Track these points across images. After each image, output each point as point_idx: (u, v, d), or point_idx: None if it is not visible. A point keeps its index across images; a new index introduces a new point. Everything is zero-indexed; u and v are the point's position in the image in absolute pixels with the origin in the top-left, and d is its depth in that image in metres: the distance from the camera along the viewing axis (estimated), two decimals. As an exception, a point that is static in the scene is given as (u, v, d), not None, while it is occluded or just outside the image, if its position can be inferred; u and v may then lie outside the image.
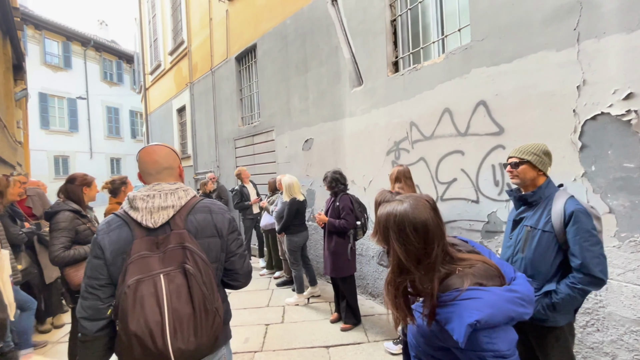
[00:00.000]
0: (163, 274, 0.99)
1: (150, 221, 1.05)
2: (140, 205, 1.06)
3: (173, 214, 1.08)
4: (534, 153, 1.57)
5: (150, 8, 10.01)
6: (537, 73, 2.21)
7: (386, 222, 0.88)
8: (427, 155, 3.03)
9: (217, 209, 1.19)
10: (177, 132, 8.95)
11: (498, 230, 2.50)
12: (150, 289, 0.96)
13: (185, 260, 1.02)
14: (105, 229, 1.07)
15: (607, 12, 1.89)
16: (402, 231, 0.84)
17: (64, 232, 2.04)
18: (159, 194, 1.09)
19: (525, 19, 2.26)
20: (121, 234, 1.05)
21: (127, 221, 1.06)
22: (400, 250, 0.84)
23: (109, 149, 19.53)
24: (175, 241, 1.04)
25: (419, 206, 0.86)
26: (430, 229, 0.84)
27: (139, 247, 1.02)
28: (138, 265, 0.98)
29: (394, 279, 0.87)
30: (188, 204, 1.13)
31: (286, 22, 4.84)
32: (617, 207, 1.89)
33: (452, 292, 0.79)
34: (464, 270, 0.84)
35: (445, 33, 3.00)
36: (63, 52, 17.56)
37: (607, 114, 1.90)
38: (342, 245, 3.13)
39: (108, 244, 1.03)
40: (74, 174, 2.30)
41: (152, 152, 1.17)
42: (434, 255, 0.83)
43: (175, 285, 0.98)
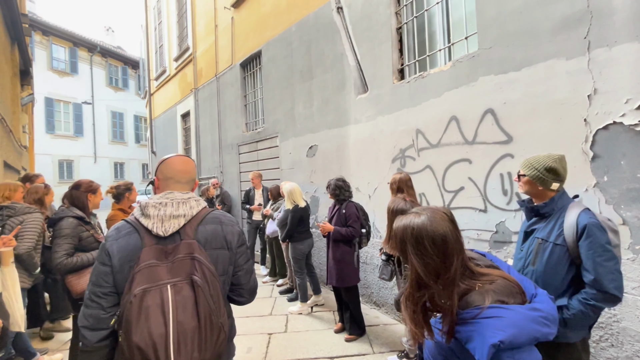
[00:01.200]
0: (170, 284, 0.97)
1: (161, 229, 1.03)
2: (152, 213, 1.05)
3: (184, 223, 1.07)
4: (535, 168, 1.51)
5: (157, 15, 10.14)
6: (546, 81, 2.18)
7: (403, 236, 0.85)
8: (433, 163, 3.00)
9: (228, 220, 1.18)
10: (181, 138, 8.99)
11: (507, 241, 2.46)
12: (157, 300, 0.94)
13: (193, 271, 1.00)
14: (114, 235, 1.06)
15: (618, 21, 1.87)
16: (421, 245, 0.82)
17: (67, 238, 2.03)
18: (171, 203, 1.08)
19: (534, 27, 2.24)
20: (130, 241, 1.03)
21: (137, 228, 1.05)
22: (419, 265, 0.82)
23: (113, 154, 19.66)
24: (184, 251, 1.02)
25: (437, 218, 0.83)
26: (449, 242, 0.81)
27: (147, 255, 1.00)
28: (145, 275, 0.97)
29: (413, 294, 0.84)
30: (199, 214, 1.12)
31: (291, 29, 4.86)
32: (630, 219, 1.85)
33: (473, 310, 0.76)
34: (484, 286, 0.81)
35: (452, 41, 2.99)
36: (70, 58, 17.80)
37: (619, 124, 1.87)
38: (348, 254, 3.09)
39: (116, 250, 1.02)
40: (79, 181, 2.29)
41: (185, 162, 1.20)
42: (453, 269, 0.80)
43: (182, 297, 0.96)
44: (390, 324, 3.35)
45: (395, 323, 3.36)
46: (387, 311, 3.55)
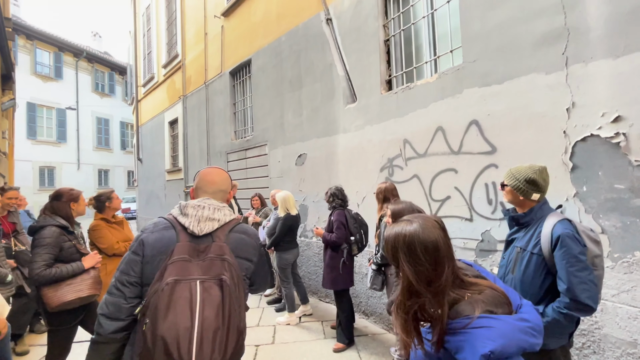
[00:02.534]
0: (200, 280, 0.99)
1: (197, 228, 1.10)
2: (190, 212, 1.12)
3: (217, 227, 1.13)
4: (516, 179, 1.55)
5: (146, 22, 10.08)
6: (527, 94, 2.26)
7: (395, 243, 0.85)
8: (420, 172, 3.04)
9: (252, 233, 1.25)
10: (169, 145, 8.87)
11: (492, 249, 2.50)
12: (186, 293, 0.96)
13: (222, 271, 1.03)
14: (151, 228, 1.13)
15: (594, 38, 1.96)
16: (412, 252, 0.82)
17: (47, 248, 1.95)
18: (208, 207, 1.15)
19: (516, 43, 2.33)
20: (165, 234, 1.09)
21: (174, 225, 1.11)
22: (411, 272, 0.82)
23: (98, 160, 19.20)
24: (215, 252, 1.06)
25: (429, 226, 0.84)
26: (441, 250, 0.82)
27: (181, 250, 1.04)
28: (177, 267, 1.00)
29: (404, 302, 0.84)
30: (231, 222, 1.19)
31: (281, 38, 4.91)
32: (609, 228, 1.91)
33: (463, 320, 0.76)
34: (473, 296, 0.81)
35: (437, 54, 3.07)
36: (54, 63, 17.44)
37: (596, 136, 1.95)
38: (334, 259, 3.13)
39: (151, 242, 1.08)
40: (59, 190, 2.21)
41: (214, 173, 1.27)
42: (444, 277, 0.80)
43: (209, 295, 0.98)
44: (379, 334, 3.33)
45: (384, 332, 3.35)
46: (375, 321, 3.53)
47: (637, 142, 1.80)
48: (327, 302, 4.21)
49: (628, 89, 1.83)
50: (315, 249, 4.33)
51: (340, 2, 3.95)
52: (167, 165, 8.80)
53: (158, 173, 9.31)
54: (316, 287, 4.34)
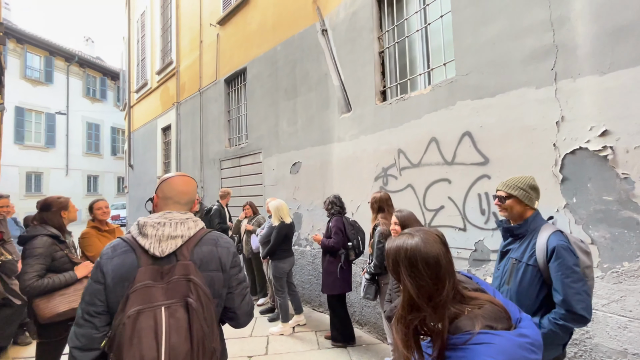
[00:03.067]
0: (164, 306, 0.95)
1: (158, 249, 1.03)
2: (150, 232, 1.05)
3: (181, 244, 1.07)
4: (520, 188, 1.59)
5: (140, 28, 10.07)
6: (518, 108, 2.33)
7: (396, 256, 0.85)
8: (414, 182, 3.08)
9: (224, 242, 1.18)
10: (161, 151, 8.79)
11: (485, 259, 2.53)
12: (150, 322, 0.92)
13: (188, 293, 0.99)
14: (109, 253, 1.05)
15: (581, 55, 2.04)
16: (414, 266, 0.81)
17: (39, 258, 1.90)
18: (169, 223, 1.08)
19: (506, 58, 2.40)
20: (126, 260, 1.03)
21: (134, 247, 1.04)
22: (412, 286, 0.81)
23: (87, 166, 18.87)
24: (180, 272, 1.02)
25: (430, 240, 0.84)
26: (442, 265, 0.81)
27: (143, 275, 0.99)
28: (140, 295, 0.95)
29: (405, 317, 0.83)
30: (196, 235, 1.12)
31: (277, 48, 4.96)
32: (598, 239, 1.96)
33: (463, 335, 0.76)
34: (473, 311, 0.81)
35: (431, 66, 3.15)
36: (45, 67, 17.21)
37: (585, 149, 2.01)
38: (332, 264, 3.23)
39: (111, 269, 1.01)
40: (46, 200, 2.16)
41: (186, 183, 1.20)
42: (445, 292, 0.80)
43: (176, 320, 0.95)
44: (373, 344, 3.32)
45: (378, 342, 3.33)
46: (369, 330, 3.52)
47: (624, 155, 1.87)
48: (320, 311, 4.19)
49: (614, 104, 1.91)
50: (309, 257, 4.32)
51: (335, 14, 4.02)
52: (159, 172, 8.71)
53: (149, 180, 9.20)
54: (310, 296, 4.31)
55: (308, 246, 4.35)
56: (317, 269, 4.19)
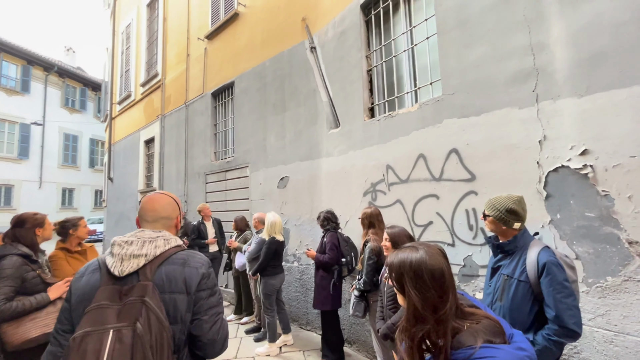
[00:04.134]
0: (113, 329, 0.91)
1: (118, 269, 1.01)
2: (115, 251, 1.04)
3: (144, 263, 1.03)
4: (497, 209, 1.62)
5: (125, 40, 9.96)
6: (503, 127, 2.41)
7: (400, 269, 0.87)
8: (403, 197, 3.11)
9: (194, 262, 1.11)
10: (143, 164, 8.55)
11: (474, 274, 2.55)
12: (95, 346, 0.88)
13: (139, 316, 0.93)
14: (82, 271, 1.06)
15: (560, 78, 2.15)
16: (419, 277, 0.83)
17: (8, 280, 1.77)
18: (137, 241, 1.06)
19: (490, 79, 2.50)
20: (91, 279, 1.03)
21: (101, 266, 1.04)
22: (417, 298, 0.82)
23: (62, 179, 18.11)
24: (137, 293, 0.97)
25: (434, 253, 0.86)
26: (446, 276, 0.84)
27: (101, 295, 0.97)
28: (92, 316, 0.93)
29: (409, 329, 0.83)
30: (164, 253, 1.08)
31: (265, 63, 5.00)
32: (582, 254, 2.02)
33: (467, 350, 0.77)
34: (472, 326, 0.82)
35: (418, 85, 3.24)
36: (22, 76, 16.67)
37: (567, 167, 2.09)
38: (324, 279, 3.20)
39: (79, 287, 1.02)
40: (22, 216, 2.03)
41: (154, 200, 1.18)
42: (448, 304, 0.81)
43: (122, 345, 0.89)
44: (363, 363, 3.25)
45: None
46: (359, 348, 3.45)
47: (603, 174, 1.95)
48: (308, 329, 4.08)
49: (592, 125, 2.01)
50: (296, 273, 4.24)
51: (324, 32, 4.11)
52: (141, 186, 8.45)
53: (130, 193, 8.90)
54: (297, 313, 4.21)
55: (295, 262, 4.27)
56: (305, 285, 4.11)
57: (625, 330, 1.85)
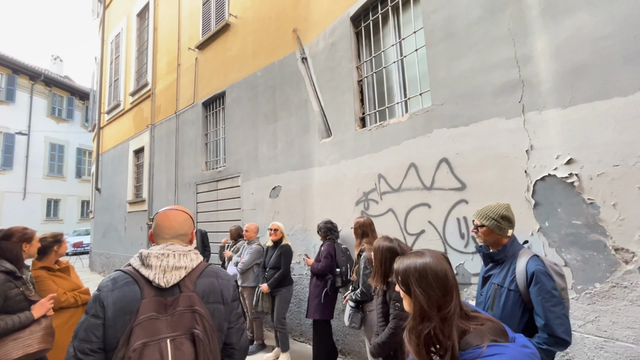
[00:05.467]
0: (170, 339, 0.94)
1: (162, 280, 1.02)
2: (154, 263, 1.04)
3: (184, 275, 1.06)
4: (492, 218, 1.64)
5: (114, 49, 9.89)
6: (491, 137, 2.46)
7: (406, 270, 0.93)
8: (395, 206, 3.13)
9: (224, 275, 1.19)
10: (132, 174, 8.42)
11: (466, 282, 2.57)
12: (156, 355, 0.90)
13: (194, 324, 0.98)
14: (110, 286, 1.02)
15: (545, 90, 2.22)
16: (424, 278, 0.89)
17: (-11, 299, 1.71)
18: (173, 254, 1.07)
19: (478, 90, 2.57)
20: (128, 292, 1.00)
21: (137, 279, 1.03)
22: (422, 296, 0.88)
23: (48, 189, 17.64)
24: (184, 304, 1.01)
25: (439, 257, 0.93)
26: (450, 279, 0.89)
27: (147, 308, 0.97)
28: (145, 328, 0.93)
29: (416, 327, 0.88)
30: (198, 267, 1.12)
31: (256, 73, 5.02)
32: (571, 261, 2.05)
33: (475, 350, 0.80)
34: (477, 327, 0.86)
35: (408, 95, 3.29)
36: (7, 85, 16.32)
37: (553, 176, 2.14)
38: (317, 287, 3.22)
39: (112, 302, 0.98)
40: (11, 229, 1.98)
41: (171, 218, 1.18)
42: (452, 305, 0.86)
43: (182, 353, 0.93)
44: (357, 375, 3.21)
45: None
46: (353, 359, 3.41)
47: (588, 182, 2.00)
48: (302, 341, 4.02)
49: (576, 135, 2.07)
50: (289, 284, 4.19)
51: (315, 43, 4.16)
52: (129, 196, 8.30)
53: (118, 204, 8.73)
54: (290, 325, 4.14)
55: (288, 272, 4.22)
56: (298, 296, 4.06)
57: (614, 336, 1.88)
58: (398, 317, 1.96)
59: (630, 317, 1.84)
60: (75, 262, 11.11)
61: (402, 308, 1.95)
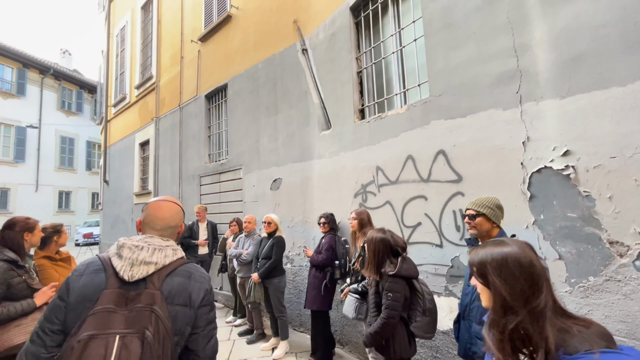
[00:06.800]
0: (120, 335, 0.90)
1: (128, 273, 0.99)
2: (125, 254, 1.02)
3: (153, 271, 1.02)
4: (488, 207, 1.68)
5: (120, 42, 9.95)
6: (488, 128, 2.43)
7: (482, 262, 0.85)
8: (392, 199, 3.12)
9: (199, 276, 1.11)
10: (139, 167, 8.55)
11: (462, 275, 2.56)
12: (100, 350, 0.87)
13: (148, 325, 0.93)
14: (81, 270, 1.02)
15: (543, 80, 2.17)
16: (504, 266, 0.81)
17: (-8, 286, 1.77)
18: (147, 247, 1.05)
19: (475, 81, 2.52)
20: (94, 279, 0.99)
21: (106, 267, 1.01)
22: (504, 287, 0.79)
23: (59, 182, 18.07)
24: (145, 301, 0.97)
25: (522, 246, 0.84)
26: (536, 267, 0.80)
27: (107, 298, 0.95)
28: (97, 319, 0.91)
29: (497, 321, 0.80)
30: (172, 264, 1.07)
31: (258, 65, 5.01)
32: (565, 254, 2.03)
33: (585, 355, 0.70)
34: (583, 330, 0.75)
35: (406, 87, 3.26)
36: (17, 79, 16.63)
37: (549, 168, 2.11)
38: (317, 279, 3.27)
39: (79, 286, 0.98)
40: (13, 219, 2.04)
41: (163, 209, 1.17)
42: (542, 298, 0.76)
43: (128, 352, 0.88)
44: (354, 364, 3.26)
45: None
46: (351, 350, 3.46)
47: (585, 174, 1.97)
48: (301, 331, 4.09)
49: (573, 126, 2.02)
50: (289, 275, 4.24)
51: (315, 35, 4.12)
52: (136, 188, 8.44)
53: (125, 196, 8.89)
54: (290, 315, 4.21)
55: (289, 264, 4.28)
56: (298, 287, 4.12)
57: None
58: (390, 307, 1.98)
59: (623, 311, 1.83)
60: (86, 252, 11.43)
61: (394, 298, 1.99)
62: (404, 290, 2.02)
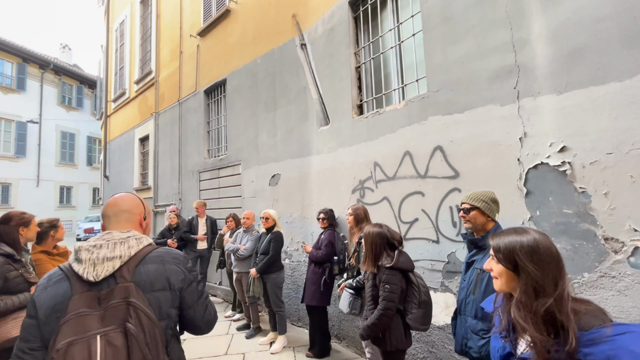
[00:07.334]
0: (100, 334, 0.89)
1: (92, 274, 0.96)
2: (84, 257, 0.98)
3: (120, 265, 1.00)
4: (483, 200, 1.69)
5: (119, 37, 9.91)
6: (485, 124, 2.42)
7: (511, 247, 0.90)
8: (390, 195, 3.12)
9: (171, 259, 1.10)
10: (138, 162, 8.56)
11: (458, 271, 2.57)
12: (84, 354, 0.86)
13: (127, 318, 0.92)
14: (44, 284, 0.99)
15: (540, 75, 2.15)
16: (536, 252, 0.86)
17: (-12, 280, 1.79)
18: (107, 244, 1.01)
19: (473, 76, 2.50)
20: (59, 289, 0.96)
21: (69, 275, 0.98)
22: (536, 271, 0.84)
23: (60, 177, 18.11)
24: (119, 296, 0.95)
25: (545, 235, 0.91)
26: (561, 257, 0.87)
27: (76, 304, 0.93)
28: (72, 326, 0.89)
29: (529, 303, 0.84)
30: (139, 253, 1.05)
31: (257, 60, 4.99)
32: (560, 250, 2.00)
33: (600, 329, 0.76)
34: (588, 309, 0.83)
35: (404, 82, 3.24)
36: (17, 74, 16.60)
37: (546, 164, 2.10)
38: (316, 274, 3.29)
39: (43, 300, 0.94)
40: (9, 214, 2.06)
41: (116, 197, 1.18)
42: (566, 280, 0.84)
43: (114, 349, 0.88)
44: (352, 358, 3.28)
45: (356, 357, 3.30)
46: (348, 344, 3.48)
47: (581, 171, 1.96)
48: (299, 326, 4.12)
49: (571, 122, 2.01)
50: (287, 270, 4.26)
51: (314, 29, 4.10)
52: (136, 183, 8.46)
53: (125, 191, 8.88)
54: (288, 310, 4.24)
55: (287, 259, 4.30)
56: (296, 282, 4.14)
57: (601, 325, 1.88)
58: (387, 299, 2.00)
59: (617, 307, 1.83)
60: (87, 247, 11.46)
61: (391, 290, 2.00)
62: (400, 282, 2.05)
